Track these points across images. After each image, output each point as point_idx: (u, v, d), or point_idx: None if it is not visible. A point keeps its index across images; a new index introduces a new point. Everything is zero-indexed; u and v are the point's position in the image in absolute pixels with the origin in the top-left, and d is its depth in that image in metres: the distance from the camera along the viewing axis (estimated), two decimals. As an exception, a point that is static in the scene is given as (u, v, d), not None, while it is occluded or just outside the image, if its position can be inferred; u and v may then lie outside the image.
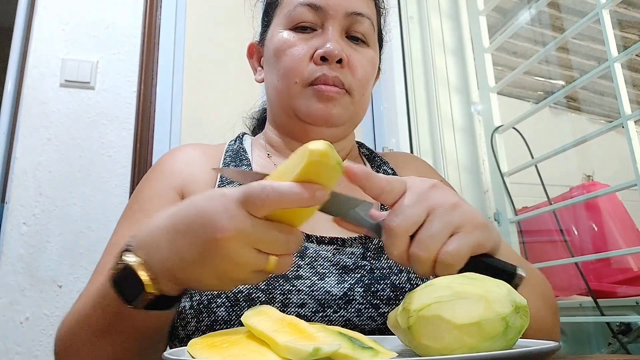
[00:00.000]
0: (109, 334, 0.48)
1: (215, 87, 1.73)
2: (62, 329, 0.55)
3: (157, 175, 0.69)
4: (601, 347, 1.17)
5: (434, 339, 0.35)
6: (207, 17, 1.81)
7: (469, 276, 0.38)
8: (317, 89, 0.66)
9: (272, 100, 0.74)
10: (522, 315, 0.35)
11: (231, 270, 0.39)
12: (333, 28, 0.68)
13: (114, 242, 0.64)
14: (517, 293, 0.36)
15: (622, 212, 1.31)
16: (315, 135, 0.71)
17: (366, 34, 0.70)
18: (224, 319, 0.56)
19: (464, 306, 0.34)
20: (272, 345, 0.33)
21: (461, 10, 1.62)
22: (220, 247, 0.38)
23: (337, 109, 0.67)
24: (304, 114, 0.68)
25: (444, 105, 1.54)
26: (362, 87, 0.69)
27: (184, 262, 0.40)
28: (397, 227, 0.40)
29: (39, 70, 1.49)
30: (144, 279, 0.42)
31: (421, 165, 0.82)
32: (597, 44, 2.11)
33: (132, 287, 0.43)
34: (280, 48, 0.69)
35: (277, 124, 0.76)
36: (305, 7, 0.68)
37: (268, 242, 0.38)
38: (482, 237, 0.41)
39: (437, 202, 0.41)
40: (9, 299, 1.30)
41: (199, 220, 0.39)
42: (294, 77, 0.67)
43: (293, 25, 0.69)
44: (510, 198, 1.36)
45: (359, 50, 0.70)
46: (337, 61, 0.66)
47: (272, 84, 0.72)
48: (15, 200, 1.37)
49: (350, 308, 0.58)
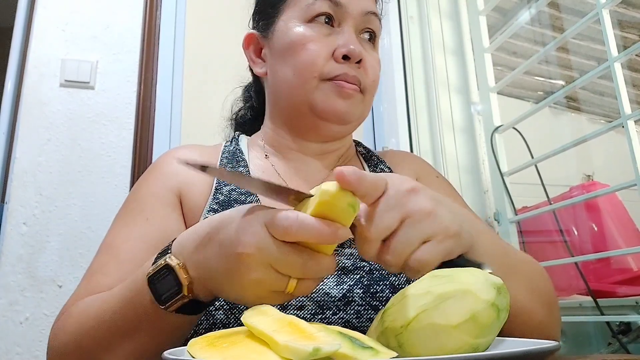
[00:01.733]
0: (132, 334, 0.47)
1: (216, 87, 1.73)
2: (61, 334, 0.53)
3: (154, 176, 0.69)
4: (601, 347, 1.17)
5: (433, 348, 0.34)
6: (207, 17, 1.81)
7: (438, 275, 0.37)
8: (339, 84, 0.66)
9: (280, 95, 0.72)
10: (504, 293, 0.35)
11: (251, 287, 0.40)
12: (350, 27, 0.68)
13: (110, 242, 0.63)
14: (489, 274, 0.36)
15: (622, 212, 1.31)
16: (325, 132, 0.70)
17: (376, 32, 0.73)
18: (222, 322, 0.56)
19: (452, 306, 0.34)
20: (272, 345, 0.33)
21: (461, 10, 1.62)
22: (240, 261, 0.39)
23: (353, 107, 0.68)
24: (320, 108, 0.67)
25: (444, 105, 1.54)
26: (373, 89, 0.71)
27: (212, 272, 0.42)
28: (370, 233, 0.40)
29: (38, 71, 1.49)
30: (183, 281, 0.43)
31: (420, 163, 0.82)
32: (597, 44, 2.11)
33: (170, 288, 0.43)
34: (299, 42, 0.67)
35: (283, 120, 0.73)
36: (327, 2, 0.68)
37: (285, 264, 0.39)
38: (452, 245, 0.42)
39: (412, 209, 0.40)
40: (9, 299, 1.30)
41: (227, 233, 0.41)
42: (312, 72, 0.66)
43: (310, 17, 0.68)
44: (510, 198, 1.36)
45: (370, 52, 0.71)
46: (357, 62, 0.67)
47: (283, 78, 0.69)
48: (15, 200, 1.37)
49: (349, 309, 0.58)
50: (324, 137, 0.72)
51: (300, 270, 0.39)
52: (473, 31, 1.56)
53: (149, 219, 0.63)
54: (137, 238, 0.61)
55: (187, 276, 0.43)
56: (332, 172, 0.74)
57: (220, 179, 0.67)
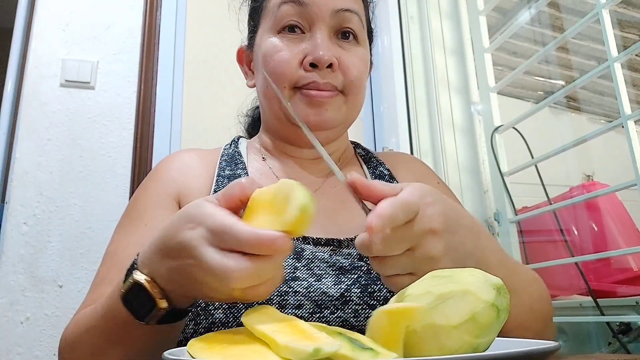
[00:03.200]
0: (119, 343, 0.48)
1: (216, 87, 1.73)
2: (67, 335, 0.55)
3: (153, 182, 0.69)
4: (601, 346, 1.17)
5: (433, 348, 0.34)
6: (207, 18, 1.81)
7: (438, 275, 0.38)
8: (307, 93, 0.65)
9: (263, 106, 0.74)
10: (504, 294, 0.35)
11: (210, 291, 0.39)
12: (321, 30, 0.66)
13: (112, 251, 0.64)
14: (489, 274, 0.36)
15: (622, 212, 1.30)
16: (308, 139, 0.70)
17: (355, 30, 0.69)
18: (221, 321, 0.56)
19: (452, 306, 0.34)
20: (272, 346, 0.33)
21: (461, 10, 1.62)
22: (189, 272, 0.39)
23: (329, 113, 0.66)
24: (294, 119, 0.67)
25: (444, 105, 1.54)
26: (355, 87, 0.68)
27: (178, 279, 0.41)
28: (376, 250, 0.41)
29: (39, 71, 1.49)
30: (155, 295, 0.42)
31: (419, 166, 0.82)
32: (597, 44, 2.11)
33: (144, 304, 0.43)
34: (268, 53, 0.67)
35: (270, 129, 0.75)
36: (290, 4, 0.67)
37: (222, 273, 0.37)
38: None
39: (421, 249, 0.42)
40: (10, 299, 1.30)
41: (173, 242, 0.40)
42: (282, 82, 0.66)
43: (280, 27, 0.68)
44: (510, 198, 1.36)
45: (350, 50, 0.68)
46: (327, 66, 0.65)
47: (261, 89, 0.71)
48: (16, 200, 1.37)
49: (347, 309, 0.58)
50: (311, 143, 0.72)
51: (239, 280, 0.37)
52: (473, 31, 1.56)
53: (148, 224, 0.63)
54: (137, 244, 0.61)
55: (157, 290, 0.42)
56: (329, 176, 0.73)
57: None
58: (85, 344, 0.51)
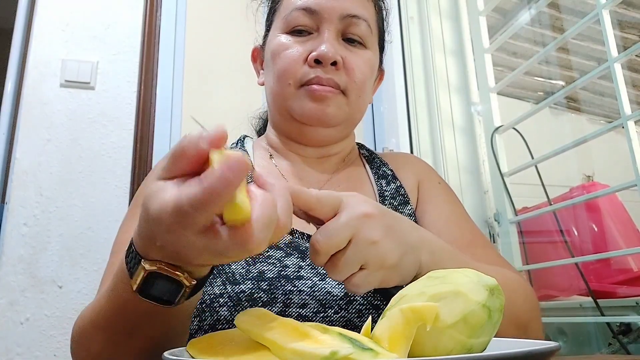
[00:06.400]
0: (134, 334, 0.46)
1: (216, 87, 1.73)
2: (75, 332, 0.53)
3: (152, 178, 0.69)
4: (601, 347, 1.17)
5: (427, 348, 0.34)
6: (207, 18, 1.81)
7: (432, 276, 0.38)
8: (310, 89, 0.66)
9: (270, 103, 0.75)
10: (497, 294, 0.35)
11: (196, 239, 0.34)
12: (329, 31, 0.68)
13: (115, 250, 0.64)
14: (484, 275, 0.36)
15: (622, 212, 1.31)
16: (311, 136, 0.71)
17: (363, 35, 0.70)
18: (226, 319, 0.56)
19: (444, 307, 0.34)
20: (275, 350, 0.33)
21: (461, 11, 1.62)
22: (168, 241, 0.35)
23: (331, 109, 0.67)
24: (298, 114, 0.68)
25: (444, 105, 1.54)
26: (358, 89, 0.69)
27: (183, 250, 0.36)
28: (320, 247, 0.42)
29: (39, 71, 1.49)
30: (178, 277, 0.38)
31: (423, 167, 0.82)
32: (597, 45, 2.11)
33: (167, 290, 0.39)
34: (276, 51, 0.70)
35: (276, 126, 0.77)
36: (301, 11, 0.69)
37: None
38: (385, 276, 0.44)
39: (359, 234, 0.42)
40: (10, 300, 1.30)
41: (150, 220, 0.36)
42: (287, 79, 0.68)
43: (290, 29, 0.70)
44: (510, 198, 1.36)
45: (356, 52, 0.70)
46: (331, 64, 0.66)
47: (269, 87, 0.73)
48: (16, 200, 1.37)
49: (351, 309, 0.58)
50: (314, 141, 0.73)
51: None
52: (473, 31, 1.56)
53: None
54: None
55: (178, 272, 0.38)
56: (333, 175, 0.74)
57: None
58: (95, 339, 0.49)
